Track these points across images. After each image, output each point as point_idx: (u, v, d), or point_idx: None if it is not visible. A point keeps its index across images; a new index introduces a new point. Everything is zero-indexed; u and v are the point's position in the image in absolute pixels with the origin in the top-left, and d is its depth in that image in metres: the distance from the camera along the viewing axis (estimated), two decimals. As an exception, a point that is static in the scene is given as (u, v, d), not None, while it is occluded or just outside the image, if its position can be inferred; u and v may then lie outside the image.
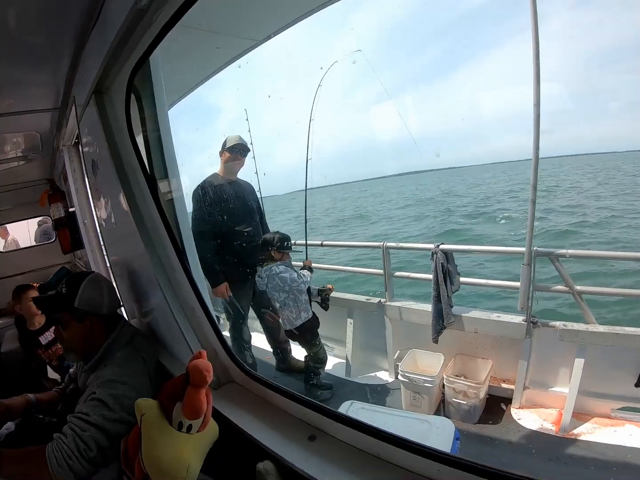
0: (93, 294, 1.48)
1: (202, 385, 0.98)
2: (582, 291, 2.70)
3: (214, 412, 1.10)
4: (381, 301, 3.42)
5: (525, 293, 2.71)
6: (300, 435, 1.06)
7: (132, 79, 1.44)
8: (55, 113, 2.50)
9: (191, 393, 0.97)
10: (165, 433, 1.00)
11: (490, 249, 4.06)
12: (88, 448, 1.18)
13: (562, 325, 2.63)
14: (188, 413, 0.98)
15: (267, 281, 3.04)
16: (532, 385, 2.83)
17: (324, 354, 3.22)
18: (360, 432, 0.99)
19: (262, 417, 1.19)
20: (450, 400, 2.79)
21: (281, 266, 3.03)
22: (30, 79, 1.90)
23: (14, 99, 2.12)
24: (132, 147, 1.47)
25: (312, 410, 1.10)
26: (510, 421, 2.71)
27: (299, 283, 3.01)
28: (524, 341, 2.78)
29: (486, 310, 3.05)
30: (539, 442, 2.51)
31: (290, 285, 2.99)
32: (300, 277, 3.04)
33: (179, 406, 0.99)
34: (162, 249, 1.43)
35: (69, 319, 1.47)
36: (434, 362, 3.00)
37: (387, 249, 3.40)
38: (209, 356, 1.35)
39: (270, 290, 3.08)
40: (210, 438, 1.08)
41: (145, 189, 1.45)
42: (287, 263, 3.08)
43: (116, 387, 1.29)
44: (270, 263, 3.06)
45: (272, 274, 3.02)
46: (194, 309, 1.39)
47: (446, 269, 2.95)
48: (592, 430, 2.52)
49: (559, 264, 2.69)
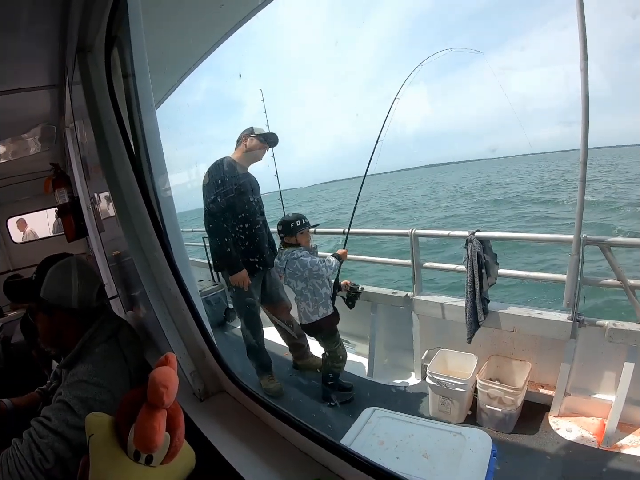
0: (59, 284, 1.29)
1: (157, 406, 0.72)
2: (636, 286, 2.38)
3: (195, 432, 0.86)
4: (408, 295, 3.16)
5: (572, 287, 2.40)
6: (303, 478, 0.81)
7: (110, 31, 1.22)
8: (55, 91, 2.36)
9: (143, 416, 0.72)
10: (116, 463, 0.75)
11: (534, 236, 3.69)
12: (44, 458, 0.99)
13: (612, 325, 2.34)
14: (137, 442, 0.72)
15: (286, 265, 2.79)
16: (574, 392, 2.56)
17: (343, 352, 2.96)
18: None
19: (254, 444, 0.94)
20: (484, 407, 2.52)
21: (303, 251, 2.77)
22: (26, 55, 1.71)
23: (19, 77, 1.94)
24: (115, 115, 1.25)
25: (317, 445, 0.85)
26: (548, 431, 2.45)
27: (320, 267, 2.72)
28: (568, 342, 2.48)
29: (526, 306, 2.75)
30: (579, 455, 2.26)
31: (310, 270, 2.72)
32: (324, 262, 2.75)
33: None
34: (144, 232, 1.20)
35: (37, 309, 1.30)
36: (466, 363, 2.73)
37: (415, 236, 3.09)
38: (195, 359, 1.12)
39: (288, 276, 2.84)
40: (181, 471, 0.82)
41: (129, 166, 1.22)
42: (310, 249, 2.82)
43: (86, 389, 1.10)
44: (291, 248, 2.81)
45: (292, 257, 2.75)
46: (177, 299, 1.16)
47: (482, 259, 2.66)
48: (639, 443, 2.24)
49: (610, 254, 2.37)
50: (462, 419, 2.62)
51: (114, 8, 1.11)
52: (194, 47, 2.25)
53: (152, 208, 1.17)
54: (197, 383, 1.15)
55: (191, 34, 2.13)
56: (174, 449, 0.78)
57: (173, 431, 0.76)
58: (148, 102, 1.21)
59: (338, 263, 2.84)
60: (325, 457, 0.84)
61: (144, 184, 1.19)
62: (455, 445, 1.68)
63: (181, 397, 1.10)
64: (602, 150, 78.12)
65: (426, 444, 1.73)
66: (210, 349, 1.14)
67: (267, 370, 3.19)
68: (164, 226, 1.17)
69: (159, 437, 0.72)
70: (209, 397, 1.17)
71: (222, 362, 1.14)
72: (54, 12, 1.36)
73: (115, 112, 1.25)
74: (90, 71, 1.36)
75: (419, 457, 1.66)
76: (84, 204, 2.86)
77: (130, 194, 1.21)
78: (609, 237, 2.41)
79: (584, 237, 2.37)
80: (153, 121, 1.24)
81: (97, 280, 1.43)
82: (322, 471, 0.83)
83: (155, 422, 0.71)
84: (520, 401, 2.47)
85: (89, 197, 2.64)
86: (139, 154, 1.24)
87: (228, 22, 1.99)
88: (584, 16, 2.14)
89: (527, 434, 2.44)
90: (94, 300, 1.37)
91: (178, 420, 0.77)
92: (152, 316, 1.23)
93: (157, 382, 0.71)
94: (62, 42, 1.61)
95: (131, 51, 1.22)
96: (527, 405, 2.59)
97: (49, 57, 1.79)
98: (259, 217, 3.11)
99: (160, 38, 1.95)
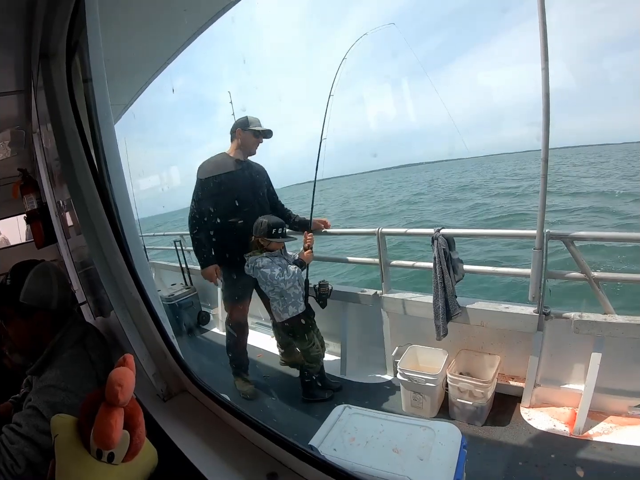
0: (41, 286, 1.32)
1: (113, 404, 0.73)
2: (599, 278, 2.45)
3: (158, 430, 0.88)
4: (377, 293, 3.19)
5: (537, 281, 2.47)
6: (258, 473, 0.84)
7: (71, 37, 1.23)
8: (22, 96, 2.32)
9: (101, 414, 0.73)
10: (80, 462, 0.76)
11: (496, 232, 3.76)
12: (15, 463, 1.00)
13: (578, 317, 2.40)
14: (97, 440, 0.74)
15: (252, 273, 2.79)
16: (544, 383, 2.61)
17: (317, 352, 2.97)
18: (332, 477, 0.77)
19: (214, 442, 0.96)
20: (455, 400, 2.56)
21: (265, 259, 2.73)
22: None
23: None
24: (75, 122, 1.26)
25: (273, 443, 0.88)
26: (519, 422, 2.49)
27: (279, 281, 2.71)
28: (535, 334, 2.55)
29: (493, 301, 2.81)
30: (551, 444, 2.30)
31: (271, 283, 2.74)
32: (282, 276, 2.72)
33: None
34: (105, 238, 1.21)
35: (12, 314, 1.30)
36: (436, 358, 2.77)
37: (382, 235, 3.12)
38: (157, 361, 1.14)
39: (257, 280, 2.85)
40: (143, 469, 0.84)
41: (89, 172, 1.23)
42: (275, 254, 2.78)
43: (54, 394, 1.11)
44: (256, 253, 2.77)
45: (255, 266, 2.74)
46: (138, 303, 1.17)
47: (448, 256, 2.70)
48: (609, 430, 2.30)
49: (574, 248, 2.44)
50: (435, 414, 2.65)
51: (74, 14, 1.12)
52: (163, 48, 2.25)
53: (113, 215, 1.18)
54: (160, 383, 1.16)
55: (158, 36, 2.14)
56: (134, 447, 0.79)
57: (133, 429, 0.78)
58: (106, 109, 1.22)
59: (299, 271, 2.82)
60: (278, 453, 0.87)
61: (105, 191, 1.20)
62: (425, 439, 1.72)
63: (145, 398, 1.12)
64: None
65: (396, 439, 1.76)
66: (170, 351, 1.16)
67: (244, 371, 3.20)
68: (123, 233, 1.18)
69: (115, 434, 0.73)
70: (172, 397, 1.18)
71: (183, 362, 1.16)
72: (18, 17, 1.36)
73: (75, 119, 1.25)
74: (53, 77, 1.37)
75: (390, 452, 1.69)
76: (52, 210, 2.80)
77: (91, 201, 1.22)
78: (572, 231, 2.47)
79: (547, 232, 2.43)
80: (111, 128, 1.24)
81: (69, 286, 1.47)
82: (276, 465, 0.86)
83: (112, 419, 0.72)
84: (491, 394, 2.51)
85: (55, 204, 2.61)
86: (100, 160, 1.24)
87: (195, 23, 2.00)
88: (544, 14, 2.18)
89: (499, 426, 2.48)
90: (69, 302, 1.42)
91: (137, 419, 0.79)
92: (116, 320, 1.25)
93: (113, 381, 0.73)
94: (27, 48, 1.60)
95: (89, 58, 1.22)
96: (498, 398, 2.62)
97: (14, 62, 1.77)
98: (263, 204, 3.10)
99: (127, 42, 1.95)
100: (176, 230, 5.99)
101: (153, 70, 2.35)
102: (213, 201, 2.92)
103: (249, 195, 3.02)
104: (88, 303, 1.95)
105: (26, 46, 1.59)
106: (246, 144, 3.02)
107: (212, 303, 4.93)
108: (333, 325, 3.46)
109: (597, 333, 2.35)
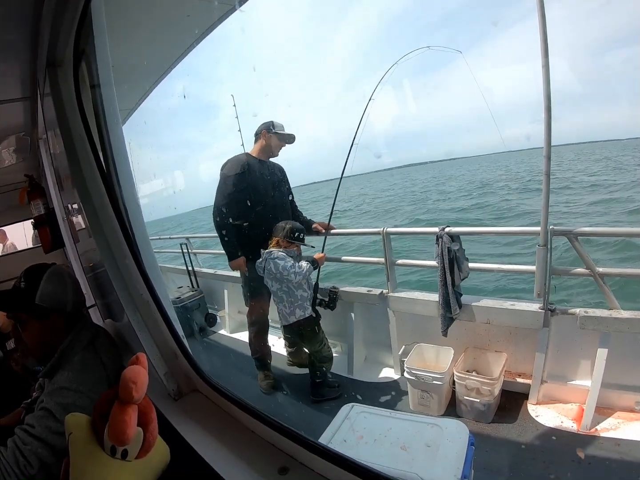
0: (56, 288, 1.33)
1: (127, 401, 0.75)
2: (604, 273, 2.44)
3: (169, 429, 0.90)
4: (383, 292, 3.20)
5: (542, 278, 2.46)
6: (269, 467, 0.86)
7: (78, 45, 1.24)
8: (27, 103, 2.35)
9: (115, 411, 0.75)
10: (94, 459, 0.78)
11: (501, 230, 3.75)
12: (28, 464, 1.01)
13: (583, 312, 2.39)
14: (111, 436, 0.76)
15: (264, 264, 2.85)
16: (550, 379, 2.60)
17: (328, 352, 3.02)
18: (342, 469, 0.78)
19: (226, 439, 0.98)
20: (462, 398, 2.57)
21: (280, 252, 2.83)
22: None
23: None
24: (84, 127, 1.28)
25: (283, 437, 0.89)
26: (527, 419, 2.49)
27: (290, 272, 2.77)
28: (540, 331, 2.55)
29: (499, 298, 2.81)
30: (559, 440, 2.30)
31: (281, 273, 2.78)
32: (294, 267, 2.79)
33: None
34: (115, 241, 1.23)
35: (27, 317, 1.31)
36: (442, 357, 2.78)
37: (387, 234, 3.14)
38: (168, 361, 1.16)
39: (265, 276, 2.90)
40: (156, 465, 0.85)
41: (98, 177, 1.25)
42: (291, 252, 2.87)
43: (66, 396, 1.12)
44: (274, 248, 2.87)
45: (269, 257, 2.82)
46: (149, 304, 1.19)
47: (453, 254, 2.71)
48: (617, 426, 2.29)
49: (578, 244, 2.43)
50: (442, 412, 2.65)
51: (81, 22, 1.13)
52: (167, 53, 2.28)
53: (122, 218, 1.20)
54: (171, 383, 1.18)
55: (161, 42, 2.16)
56: (147, 444, 0.81)
57: (145, 426, 0.79)
58: (114, 114, 1.24)
59: (311, 268, 2.88)
60: (289, 447, 0.88)
61: (114, 195, 1.22)
62: (433, 437, 1.71)
63: (156, 397, 1.14)
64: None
65: (404, 436, 1.75)
66: (181, 351, 1.18)
67: (266, 365, 3.27)
68: (133, 235, 1.20)
69: (130, 430, 0.75)
70: (183, 397, 1.20)
71: (194, 362, 1.18)
72: (25, 27, 1.38)
73: (84, 125, 1.27)
74: (60, 85, 1.38)
75: (398, 449, 1.69)
76: (59, 215, 2.84)
77: (101, 204, 1.24)
78: (575, 227, 2.45)
79: (551, 228, 2.42)
80: (119, 132, 1.27)
81: (81, 288, 1.48)
82: (287, 460, 0.87)
83: (127, 416, 0.74)
84: (498, 391, 2.51)
85: (63, 208, 2.64)
86: (108, 164, 1.27)
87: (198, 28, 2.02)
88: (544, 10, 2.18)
89: (506, 423, 2.48)
90: (82, 304, 1.44)
91: (150, 415, 0.80)
92: (126, 322, 1.27)
93: (127, 378, 0.74)
94: (33, 56, 1.62)
95: (97, 65, 1.25)
96: (505, 395, 2.63)
97: (20, 71, 1.80)
98: (284, 202, 3.22)
99: (130, 49, 1.98)
100: (184, 233, 6.01)
101: (158, 75, 2.38)
102: (240, 197, 2.99)
103: (275, 193, 3.14)
104: (97, 306, 1.97)
105: (32, 54, 1.62)
106: (270, 146, 3.11)
107: (218, 305, 4.96)
108: (339, 325, 3.47)
109: (603, 329, 2.35)
